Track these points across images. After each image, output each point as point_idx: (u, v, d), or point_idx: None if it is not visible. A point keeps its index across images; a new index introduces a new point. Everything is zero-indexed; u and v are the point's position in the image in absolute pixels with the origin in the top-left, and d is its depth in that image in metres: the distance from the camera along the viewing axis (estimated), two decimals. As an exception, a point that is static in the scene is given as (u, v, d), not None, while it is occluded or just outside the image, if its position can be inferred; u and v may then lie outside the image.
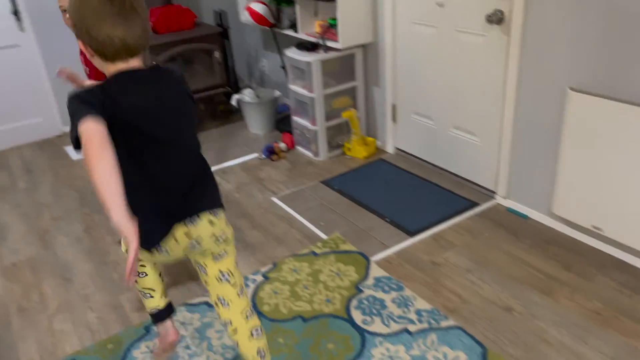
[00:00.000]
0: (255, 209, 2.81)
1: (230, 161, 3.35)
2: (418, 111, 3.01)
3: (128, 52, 1.20)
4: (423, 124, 3.00)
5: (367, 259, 2.32)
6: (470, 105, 2.66)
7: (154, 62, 1.38)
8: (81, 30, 1.18)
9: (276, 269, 2.31)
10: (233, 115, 4.03)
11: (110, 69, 1.22)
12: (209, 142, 3.65)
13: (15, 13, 3.50)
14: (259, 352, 1.54)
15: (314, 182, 3.03)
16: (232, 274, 1.50)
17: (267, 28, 3.57)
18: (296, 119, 3.38)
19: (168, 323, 1.71)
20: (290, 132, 3.51)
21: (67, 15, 1.88)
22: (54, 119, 3.91)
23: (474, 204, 2.68)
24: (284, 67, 3.73)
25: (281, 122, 3.77)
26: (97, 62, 1.23)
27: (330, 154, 3.32)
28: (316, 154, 3.30)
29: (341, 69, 3.20)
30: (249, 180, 3.11)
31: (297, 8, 3.26)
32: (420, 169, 3.06)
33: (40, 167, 3.46)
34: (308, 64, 3.06)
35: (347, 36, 3.00)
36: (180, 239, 1.37)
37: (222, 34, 3.84)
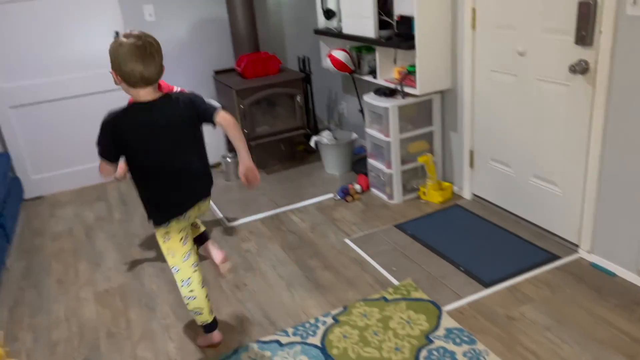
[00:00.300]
0: (328, 250, 2.87)
1: (306, 200, 3.46)
2: (496, 158, 2.97)
3: (145, 82, 1.83)
4: (501, 171, 2.95)
5: (439, 309, 2.29)
6: (552, 154, 2.59)
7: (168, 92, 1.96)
8: (115, 65, 1.80)
9: (346, 313, 2.33)
10: (311, 155, 4.17)
11: (132, 92, 1.86)
12: (287, 181, 3.79)
13: None
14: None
15: (387, 226, 3.05)
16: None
17: (348, 74, 3.70)
18: (372, 162, 3.43)
19: (215, 332, 2.22)
20: (365, 174, 3.57)
21: None
22: (148, 155, 4.24)
23: (554, 257, 2.57)
24: (361, 111, 3.83)
25: (357, 163, 3.85)
26: (124, 87, 1.85)
27: (404, 197, 3.33)
28: (391, 197, 3.33)
29: (418, 113, 3.24)
30: (323, 221, 3.19)
31: (377, 55, 3.37)
32: (497, 217, 2.99)
33: (133, 201, 3.75)
34: (385, 109, 3.13)
35: (425, 83, 3.05)
36: (195, 210, 2.07)
37: (304, 78, 4.03)
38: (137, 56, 1.77)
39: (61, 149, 3.89)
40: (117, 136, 1.88)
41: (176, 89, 2.52)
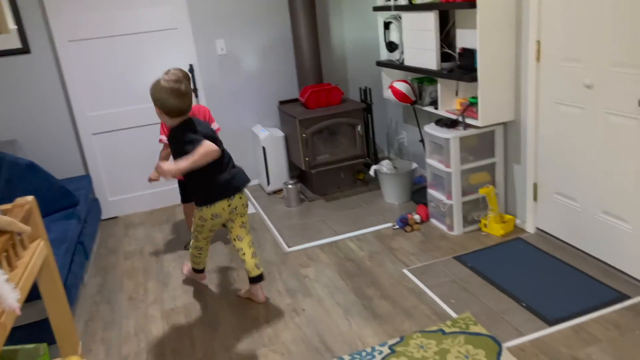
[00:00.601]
0: (385, 279, 2.88)
1: (364, 229, 3.49)
2: (562, 192, 2.89)
3: (181, 113, 2.40)
4: (567, 205, 2.87)
5: (499, 345, 2.24)
6: (622, 190, 2.50)
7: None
8: (158, 102, 2.39)
9: (403, 343, 2.33)
10: (370, 184, 4.21)
11: (170, 121, 2.42)
12: (346, 208, 3.85)
13: (196, 93, 4.13)
14: (256, 265, 2.74)
15: (446, 257, 3.03)
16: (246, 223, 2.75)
17: (409, 104, 3.75)
18: (432, 192, 3.43)
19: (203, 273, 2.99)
20: (425, 204, 3.56)
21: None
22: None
23: (623, 297, 2.46)
24: (422, 141, 3.85)
25: (417, 193, 3.85)
26: (165, 118, 2.42)
27: (465, 229, 3.30)
28: (450, 228, 3.31)
29: (480, 145, 3.22)
30: (382, 250, 3.21)
31: (439, 87, 3.40)
32: (562, 252, 2.90)
33: (199, 223, 3.93)
34: (447, 140, 3.15)
35: (487, 115, 3.05)
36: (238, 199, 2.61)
37: (365, 108, 4.11)
38: (176, 95, 2.35)
39: (135, 173, 4.15)
40: None
41: (214, 125, 3.11)
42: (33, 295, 1.97)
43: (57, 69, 3.84)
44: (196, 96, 4.16)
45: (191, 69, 4.05)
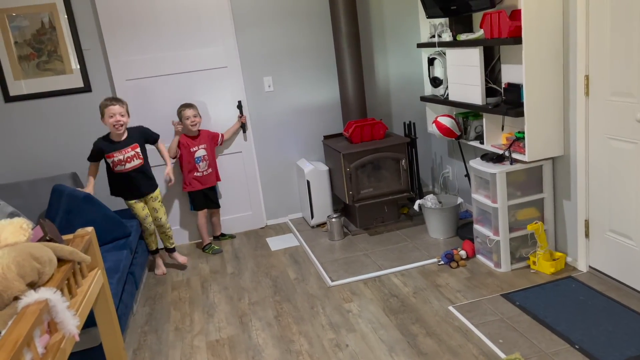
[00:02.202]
0: (430, 316, 2.83)
1: (408, 264, 3.46)
2: (616, 229, 2.79)
3: None
4: (621, 243, 2.77)
5: (551, 388, 2.15)
6: (680, 227, 2.40)
7: None
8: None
9: (449, 383, 2.27)
10: (415, 219, 4.18)
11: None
12: (390, 243, 3.82)
13: (243, 128, 4.28)
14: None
15: (494, 295, 2.95)
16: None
17: (453, 139, 3.74)
18: (478, 228, 3.38)
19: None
20: (471, 239, 3.50)
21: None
22: (261, 214, 4.52)
23: (686, 342, 2.32)
24: (467, 176, 3.82)
25: (462, 229, 3.79)
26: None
27: (513, 266, 3.21)
28: (498, 265, 3.23)
29: (527, 180, 3.17)
30: (426, 286, 3.16)
31: (484, 122, 3.39)
32: (617, 292, 2.78)
33: (245, 255, 3.99)
34: (493, 175, 3.11)
35: (535, 150, 3.00)
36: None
37: (409, 143, 4.13)
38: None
39: (182, 206, 4.28)
40: None
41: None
42: (88, 323, 2.06)
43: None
44: (244, 131, 4.30)
45: (239, 105, 4.21)
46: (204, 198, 4.12)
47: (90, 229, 1.65)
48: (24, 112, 3.93)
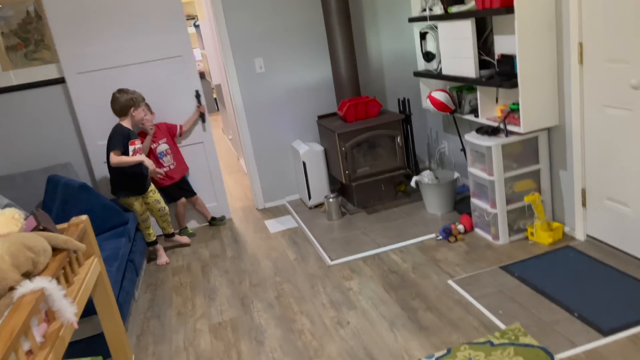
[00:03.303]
0: (430, 291, 2.85)
1: (407, 240, 3.46)
2: (612, 197, 2.80)
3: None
4: (618, 210, 2.77)
5: (551, 356, 2.17)
6: (676, 192, 2.40)
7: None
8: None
9: (450, 355, 2.29)
10: (412, 195, 4.18)
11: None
12: (388, 220, 3.83)
13: (202, 118, 4.18)
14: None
15: (492, 267, 2.97)
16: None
17: (448, 113, 3.72)
18: (475, 202, 3.38)
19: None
20: (469, 214, 3.51)
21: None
22: (257, 198, 4.53)
23: (684, 305, 2.34)
24: (463, 150, 3.80)
25: (460, 203, 3.80)
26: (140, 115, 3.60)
27: (511, 238, 3.23)
28: (496, 237, 3.24)
29: (523, 152, 3.16)
30: (425, 261, 3.17)
31: (478, 95, 3.36)
32: (615, 260, 2.79)
33: (244, 238, 4.00)
34: (488, 148, 3.10)
35: (530, 121, 2.99)
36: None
37: (404, 120, 4.10)
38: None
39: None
40: None
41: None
42: (89, 311, 2.06)
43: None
44: (203, 121, 4.18)
45: (197, 95, 4.08)
46: (178, 189, 4.10)
47: (84, 217, 1.64)
48: (15, 103, 3.89)
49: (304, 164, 4.19)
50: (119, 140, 3.39)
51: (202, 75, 9.67)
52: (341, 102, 4.15)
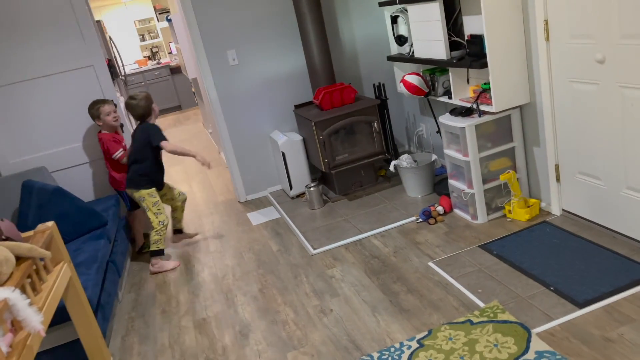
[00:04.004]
0: (411, 274, 2.88)
1: (388, 225, 3.49)
2: (584, 171, 2.83)
3: None
4: (591, 184, 2.81)
5: (529, 331, 2.22)
6: (644, 163, 2.43)
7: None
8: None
9: (431, 336, 2.33)
10: (392, 180, 4.20)
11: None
12: (369, 206, 3.85)
13: (122, 126, 3.84)
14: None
15: (472, 247, 3.00)
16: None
17: (423, 97, 3.73)
18: (453, 183, 3.41)
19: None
20: (447, 195, 3.54)
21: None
22: (239, 191, 4.52)
23: (656, 273, 2.39)
24: (439, 132, 3.82)
25: (439, 185, 3.82)
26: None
27: (489, 217, 3.26)
28: (474, 217, 3.27)
29: (497, 130, 3.18)
30: (406, 244, 3.20)
31: (451, 76, 3.37)
32: (590, 233, 2.84)
33: (227, 232, 4.00)
34: (462, 129, 3.12)
35: (501, 100, 3.00)
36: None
37: (380, 105, 4.10)
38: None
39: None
40: None
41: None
42: (65, 317, 2.06)
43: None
44: (122, 131, 3.91)
45: (114, 104, 3.77)
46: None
47: (50, 223, 1.63)
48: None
49: (283, 154, 4.18)
50: (161, 132, 3.47)
51: (177, 70, 9.60)
52: (317, 90, 4.14)
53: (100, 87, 3.87)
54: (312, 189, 4.01)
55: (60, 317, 1.95)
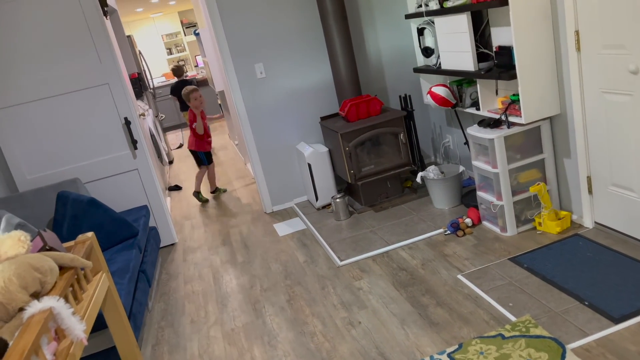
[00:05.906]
0: (440, 286, 2.85)
1: (415, 237, 3.47)
2: (618, 183, 2.78)
3: None
4: (624, 196, 2.76)
5: (563, 347, 2.17)
6: (681, 175, 2.38)
7: None
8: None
9: (462, 350, 2.30)
10: (419, 191, 4.18)
11: None
12: (396, 218, 3.84)
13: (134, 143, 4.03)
14: None
15: (501, 260, 2.97)
16: None
17: (450, 108, 3.72)
18: (481, 194, 3.38)
19: None
20: (476, 207, 3.50)
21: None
22: (265, 202, 4.56)
23: (695, 289, 2.33)
24: (467, 143, 3.80)
25: (466, 197, 3.79)
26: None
27: (519, 229, 3.22)
28: (504, 229, 3.24)
29: (526, 142, 3.15)
30: (434, 257, 3.18)
31: (478, 87, 3.36)
32: (624, 246, 2.78)
33: (254, 243, 4.03)
34: (491, 140, 3.09)
35: (531, 111, 2.98)
36: None
37: (406, 116, 4.11)
38: None
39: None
40: None
41: None
42: (101, 325, 2.10)
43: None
44: (135, 148, 4.03)
45: (127, 122, 3.95)
46: (210, 155, 5.46)
47: (90, 234, 1.68)
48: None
49: (309, 165, 4.21)
50: None
51: (205, 82, 9.77)
52: (343, 102, 4.16)
53: (114, 104, 3.94)
54: (338, 200, 4.02)
55: (96, 325, 2.00)
